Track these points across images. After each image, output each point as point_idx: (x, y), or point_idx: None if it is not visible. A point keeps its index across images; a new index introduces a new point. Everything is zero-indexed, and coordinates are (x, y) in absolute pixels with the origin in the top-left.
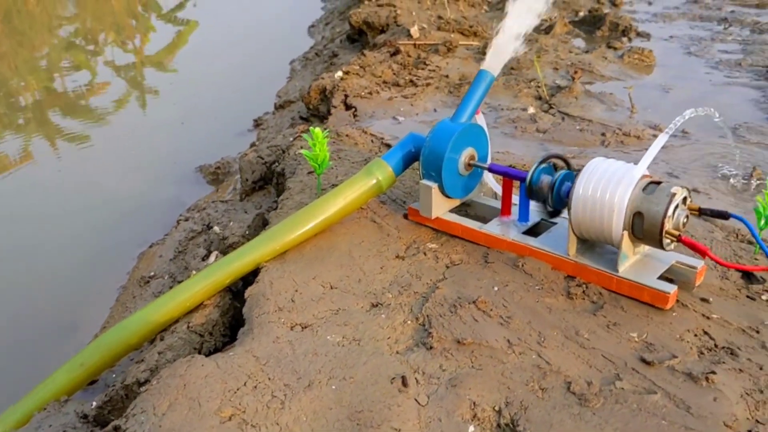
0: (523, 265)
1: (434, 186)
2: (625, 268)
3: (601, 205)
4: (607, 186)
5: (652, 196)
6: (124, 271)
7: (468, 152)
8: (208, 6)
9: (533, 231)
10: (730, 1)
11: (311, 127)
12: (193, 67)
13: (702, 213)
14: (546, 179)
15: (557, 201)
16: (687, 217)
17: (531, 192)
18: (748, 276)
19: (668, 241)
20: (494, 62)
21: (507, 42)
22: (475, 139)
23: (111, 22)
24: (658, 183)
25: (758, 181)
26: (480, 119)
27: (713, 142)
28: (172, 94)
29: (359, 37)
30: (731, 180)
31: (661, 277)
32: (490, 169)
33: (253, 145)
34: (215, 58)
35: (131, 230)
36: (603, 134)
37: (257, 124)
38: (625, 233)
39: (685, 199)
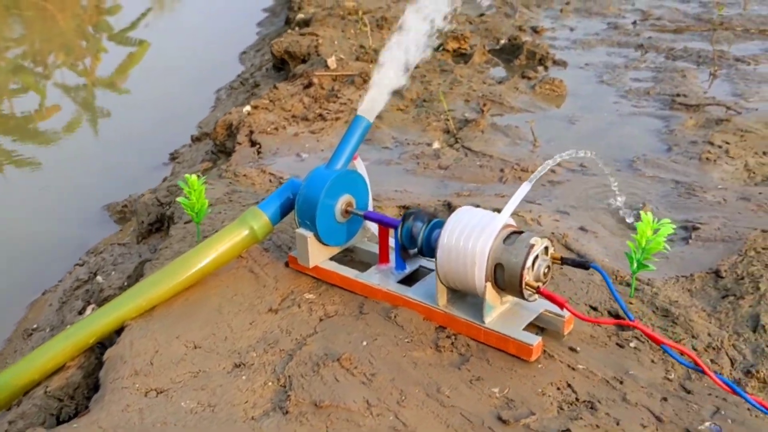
0: (395, 317)
1: (310, 235)
2: (492, 318)
3: (464, 255)
4: (470, 236)
5: (512, 247)
6: (12, 320)
7: (345, 199)
8: (161, 25)
9: (413, 277)
10: (650, 26)
11: (187, 174)
12: (115, 99)
13: (564, 262)
14: (417, 228)
15: (428, 250)
16: (549, 267)
17: (403, 241)
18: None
19: (529, 292)
20: (371, 108)
21: (384, 87)
22: (352, 186)
23: (60, 44)
24: (520, 233)
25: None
26: (359, 164)
27: (612, 175)
28: (93, 124)
29: (283, 65)
30: (620, 217)
31: (531, 326)
32: (366, 217)
33: (165, 179)
34: (144, 84)
35: (27, 274)
36: (501, 170)
37: (173, 157)
38: (488, 284)
39: (546, 248)
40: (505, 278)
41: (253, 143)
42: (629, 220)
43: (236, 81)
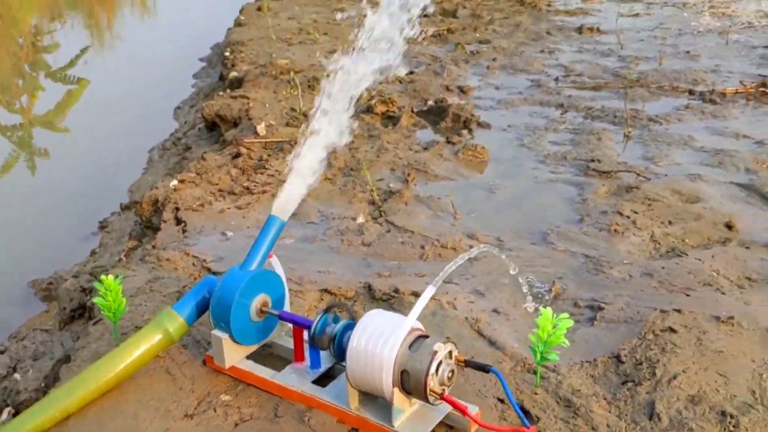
0: (309, 420)
1: (225, 336)
2: (401, 421)
3: (372, 361)
4: (378, 342)
5: (416, 353)
6: None
7: (260, 299)
8: (99, 65)
9: (329, 374)
10: (571, 83)
11: (103, 275)
12: (49, 143)
13: (467, 365)
14: (329, 329)
15: (339, 352)
16: (453, 371)
17: (315, 341)
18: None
19: (434, 398)
20: (284, 207)
21: (297, 188)
22: (267, 285)
23: None
24: (426, 337)
25: (555, 298)
26: (275, 262)
27: (526, 249)
28: (23, 178)
29: (214, 127)
30: (530, 298)
31: (441, 425)
32: (280, 317)
33: (93, 253)
34: (77, 138)
35: None
36: (422, 247)
37: (102, 226)
38: (396, 389)
39: (450, 352)
40: (411, 384)
41: (178, 221)
42: (530, 309)
43: (169, 140)
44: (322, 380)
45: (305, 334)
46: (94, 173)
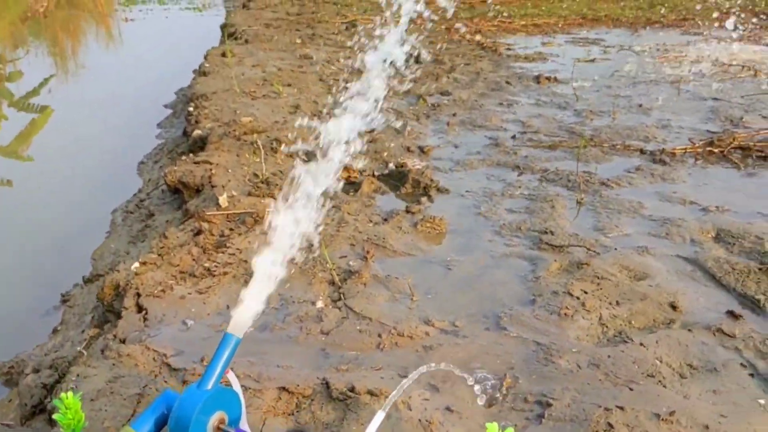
0: None
1: None
2: None
3: None
4: None
5: None
6: None
7: (217, 416)
8: (63, 92)
9: None
10: (527, 141)
11: (62, 393)
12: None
13: None
14: None
15: None
16: None
17: None
18: None
19: None
20: (240, 324)
21: (253, 304)
22: (224, 402)
23: None
24: None
25: (506, 392)
26: (231, 377)
27: (480, 335)
28: None
29: (177, 191)
30: (479, 393)
31: None
32: None
33: (55, 331)
34: (26, 201)
35: None
36: (380, 335)
37: (65, 299)
38: None
39: None
40: None
41: (139, 308)
42: (480, 402)
43: (133, 201)
44: None
45: None
46: (56, 235)
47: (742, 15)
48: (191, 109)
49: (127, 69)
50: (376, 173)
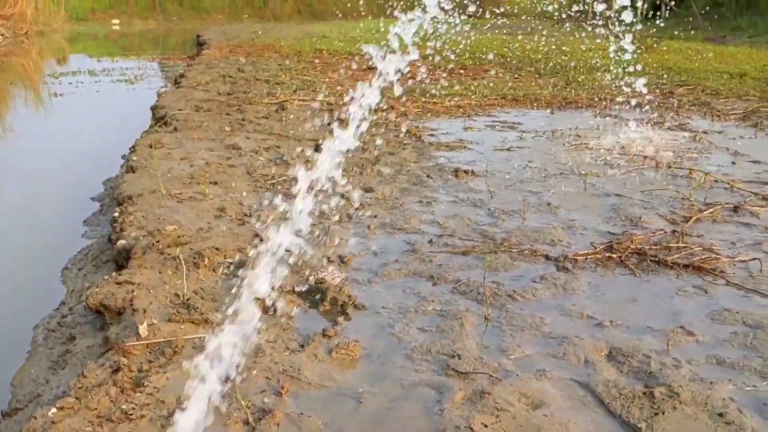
0: None
1: None
2: None
3: None
4: None
5: None
6: None
7: None
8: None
9: None
10: (443, 246)
11: None
12: None
13: None
14: None
15: None
16: None
17: None
18: None
19: None
20: None
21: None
22: None
23: None
24: None
25: None
26: None
27: None
28: None
29: (99, 313)
30: None
31: None
32: None
33: None
34: None
35: None
36: None
37: None
38: None
39: None
40: None
41: None
42: None
43: (55, 318)
44: None
45: None
46: None
47: (649, 96)
48: (116, 214)
49: (57, 147)
50: (295, 289)
